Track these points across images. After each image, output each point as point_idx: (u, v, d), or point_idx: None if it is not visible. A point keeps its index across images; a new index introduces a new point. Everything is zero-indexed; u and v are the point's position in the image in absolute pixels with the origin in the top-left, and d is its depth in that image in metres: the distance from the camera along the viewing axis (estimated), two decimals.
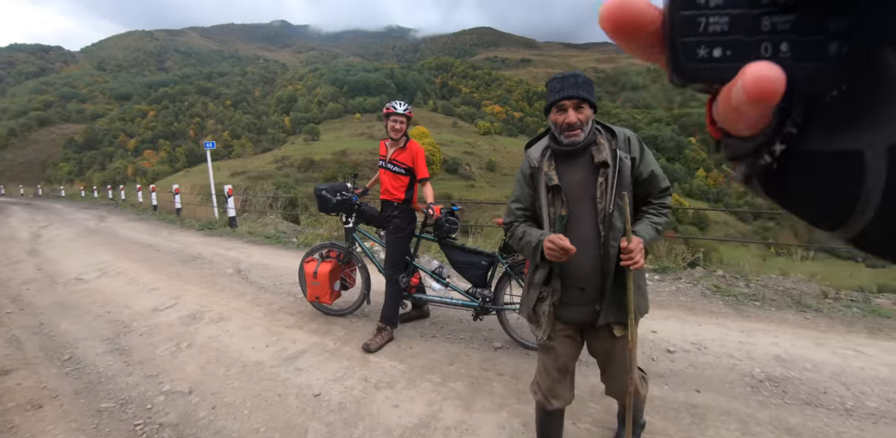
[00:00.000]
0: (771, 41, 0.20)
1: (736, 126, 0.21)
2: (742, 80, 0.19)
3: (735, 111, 0.20)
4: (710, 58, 0.20)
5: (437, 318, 3.58)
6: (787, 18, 0.20)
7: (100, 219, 11.51)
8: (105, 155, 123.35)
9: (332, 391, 2.54)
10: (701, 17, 0.20)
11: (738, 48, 0.20)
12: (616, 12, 0.20)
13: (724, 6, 0.20)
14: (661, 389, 2.47)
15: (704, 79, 0.21)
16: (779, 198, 0.23)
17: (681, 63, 0.21)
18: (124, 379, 2.77)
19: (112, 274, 5.42)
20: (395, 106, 3.09)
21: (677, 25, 0.20)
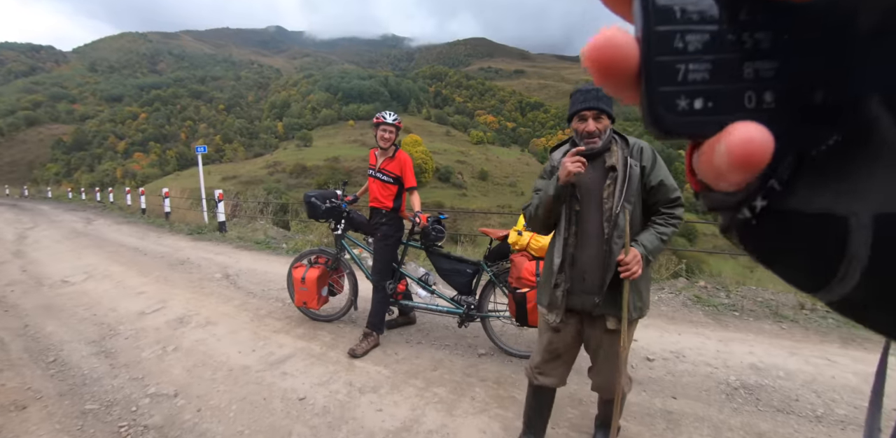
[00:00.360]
0: (754, 90, 0.19)
1: (717, 184, 0.20)
2: (726, 144, 0.18)
3: (716, 171, 0.19)
4: (690, 110, 0.19)
5: (424, 325, 3.63)
6: (771, 65, 0.19)
7: (87, 221, 11.40)
8: (94, 156, 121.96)
9: (316, 395, 2.58)
10: (679, 63, 0.19)
11: (720, 98, 0.19)
12: (598, 53, 0.19)
13: (704, 51, 0.19)
14: (639, 396, 2.54)
15: (685, 133, 0.20)
16: (756, 253, 0.22)
17: (659, 114, 0.19)
18: (109, 382, 2.78)
19: (98, 276, 5.40)
20: (384, 116, 3.18)
21: (654, 73, 0.19)
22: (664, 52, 0.19)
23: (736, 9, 0.19)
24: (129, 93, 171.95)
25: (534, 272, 2.57)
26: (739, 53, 0.19)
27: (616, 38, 0.19)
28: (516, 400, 2.49)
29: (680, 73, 0.19)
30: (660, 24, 0.19)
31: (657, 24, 0.19)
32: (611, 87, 0.20)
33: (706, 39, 0.19)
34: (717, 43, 0.19)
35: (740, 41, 0.19)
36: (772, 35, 0.19)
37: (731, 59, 0.19)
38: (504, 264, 2.98)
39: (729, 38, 0.19)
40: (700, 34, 0.19)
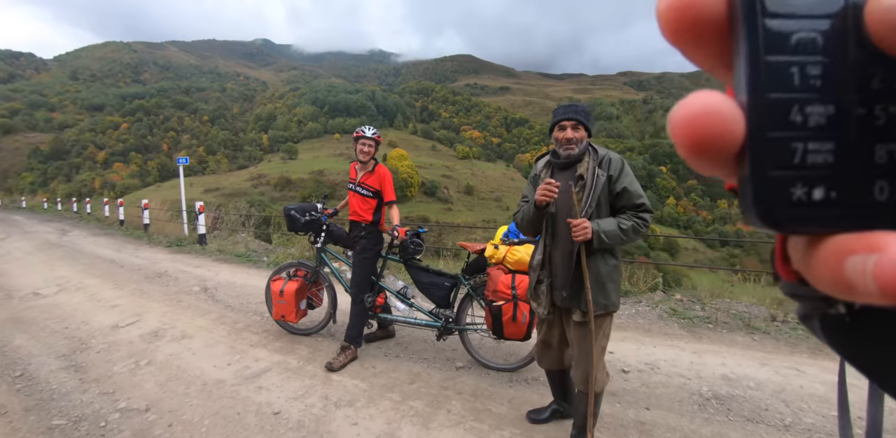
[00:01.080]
0: (888, 179, 0.16)
1: (834, 293, 0.16)
2: (877, 265, 0.14)
3: (846, 286, 0.15)
4: (808, 201, 0.16)
5: (402, 338, 3.63)
6: None
7: (62, 232, 11.12)
8: (72, 166, 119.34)
9: (292, 409, 2.56)
10: (797, 141, 0.16)
11: (845, 188, 0.16)
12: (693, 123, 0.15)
13: (828, 128, 0.15)
14: (613, 407, 2.58)
15: (801, 230, 0.16)
16: (846, 353, 0.19)
17: (768, 205, 0.16)
18: (78, 397, 2.71)
19: (71, 289, 5.27)
20: (363, 130, 3.24)
21: (765, 152, 0.16)
22: (778, 126, 0.16)
23: (869, 75, 0.15)
24: (111, 102, 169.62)
25: (509, 285, 2.62)
26: (871, 131, 0.15)
27: (717, 106, 0.15)
28: (492, 413, 2.51)
29: (797, 153, 0.16)
30: (773, 91, 0.15)
31: (770, 90, 0.15)
32: (703, 165, 0.17)
33: (831, 112, 0.15)
34: (844, 117, 0.15)
35: (872, 116, 0.15)
36: None
37: (861, 139, 0.16)
38: (481, 277, 3.03)
39: (859, 112, 0.15)
40: (823, 105, 0.15)
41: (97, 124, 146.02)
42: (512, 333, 2.69)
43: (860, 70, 0.15)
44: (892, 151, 0.15)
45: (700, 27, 0.16)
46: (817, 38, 0.15)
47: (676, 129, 0.16)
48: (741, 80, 0.16)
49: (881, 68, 0.15)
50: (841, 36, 0.15)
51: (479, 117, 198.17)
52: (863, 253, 0.15)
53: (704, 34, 0.16)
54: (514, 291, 2.61)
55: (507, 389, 2.80)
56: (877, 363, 0.18)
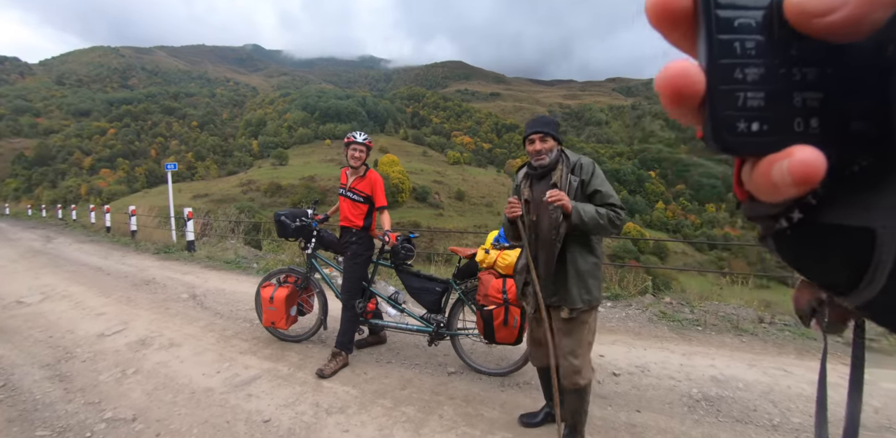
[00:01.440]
0: (802, 116, 0.22)
1: (768, 196, 0.22)
2: (788, 163, 0.20)
3: (773, 186, 0.21)
4: (748, 132, 0.22)
5: (394, 344, 3.62)
6: (816, 96, 0.21)
7: (47, 239, 10.93)
8: (57, 172, 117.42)
9: (282, 416, 2.53)
10: (739, 91, 0.22)
11: (773, 123, 0.22)
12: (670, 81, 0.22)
13: (761, 82, 0.22)
14: (604, 410, 2.59)
15: (743, 152, 0.23)
16: (790, 260, 0.25)
17: (721, 135, 0.22)
18: (63, 407, 2.66)
19: (56, 297, 5.17)
20: (355, 135, 3.24)
21: (718, 99, 0.22)
22: (726, 81, 0.22)
23: (788, 46, 0.22)
24: (98, 107, 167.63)
25: (500, 289, 2.63)
26: (790, 85, 0.22)
27: (687, 69, 0.22)
28: (484, 418, 2.50)
29: (740, 99, 0.22)
30: (723, 58, 0.22)
31: (720, 58, 0.22)
32: (677, 110, 0.23)
33: (762, 72, 0.22)
34: (772, 75, 0.22)
35: (790, 74, 0.22)
36: (818, 70, 0.22)
37: (783, 90, 0.22)
38: (473, 282, 3.03)
39: (781, 71, 0.22)
40: (757, 67, 0.22)
41: (83, 130, 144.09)
42: (503, 337, 2.69)
43: (782, 43, 0.22)
44: (805, 98, 0.22)
45: (675, 16, 0.22)
46: (752, 22, 0.22)
47: (660, 84, 0.22)
48: (701, 51, 0.22)
49: (796, 42, 0.21)
50: (769, 20, 0.22)
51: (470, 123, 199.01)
52: (781, 159, 0.21)
53: (678, 21, 0.23)
54: (506, 295, 2.62)
55: (499, 393, 2.80)
56: (806, 262, 0.25)
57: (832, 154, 0.21)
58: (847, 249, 0.23)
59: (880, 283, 0.22)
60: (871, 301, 0.23)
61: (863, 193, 0.22)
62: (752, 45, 0.22)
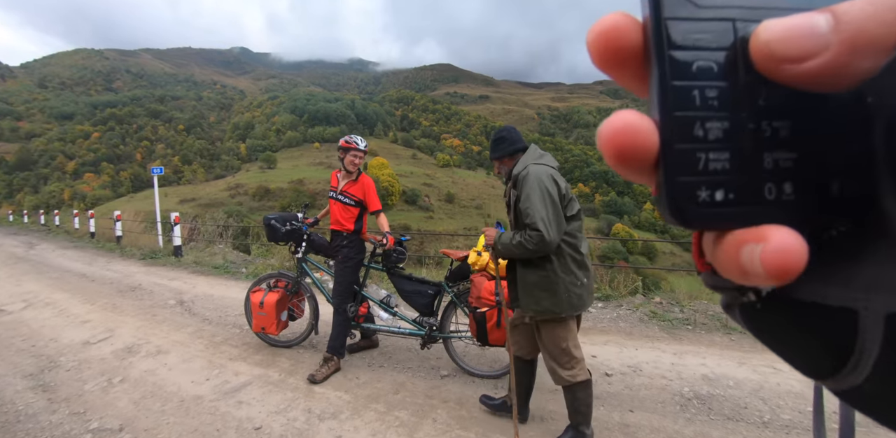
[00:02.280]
0: (774, 181, 0.18)
1: (735, 278, 0.19)
2: (762, 251, 0.17)
3: (741, 272, 0.18)
4: (711, 202, 0.18)
5: (386, 348, 3.59)
6: (790, 155, 0.18)
7: (29, 245, 10.70)
8: (39, 177, 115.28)
9: (273, 423, 2.49)
10: (700, 152, 0.18)
11: (741, 190, 0.18)
12: (615, 138, 0.18)
13: (725, 140, 0.18)
14: (598, 410, 2.59)
15: (706, 227, 0.19)
16: (760, 336, 0.22)
17: (679, 206, 0.18)
18: (47, 417, 2.59)
19: (39, 305, 5.06)
20: (356, 142, 3.18)
21: (674, 161, 0.18)
22: (684, 139, 0.18)
23: (755, 95, 0.18)
24: (82, 111, 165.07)
25: (493, 291, 2.63)
26: (759, 142, 0.18)
27: (635, 123, 0.18)
28: (478, 420, 2.49)
29: (700, 162, 0.18)
30: (679, 109, 0.18)
31: (676, 109, 0.18)
32: (625, 172, 0.19)
33: (726, 127, 0.18)
34: (737, 131, 0.18)
35: (759, 129, 0.18)
36: (791, 124, 0.18)
37: (751, 149, 0.18)
38: (465, 284, 3.02)
39: (749, 126, 0.18)
40: (720, 121, 0.18)
41: (67, 133, 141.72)
42: (496, 339, 2.69)
43: (749, 91, 0.18)
44: (777, 159, 0.18)
45: (621, 55, 0.19)
46: (713, 66, 0.18)
47: (603, 142, 0.18)
48: (654, 101, 0.19)
49: (765, 89, 0.18)
50: (733, 64, 0.18)
51: (460, 125, 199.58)
52: (752, 242, 0.18)
53: (626, 61, 0.19)
54: (499, 297, 2.62)
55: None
56: (780, 341, 0.21)
57: (808, 219, 0.19)
58: (826, 332, 0.19)
59: (865, 371, 0.19)
60: (854, 388, 0.19)
61: (842, 264, 0.19)
62: (713, 94, 0.18)
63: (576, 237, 2.09)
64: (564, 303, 2.04)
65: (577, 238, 2.10)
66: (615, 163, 0.19)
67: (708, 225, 0.19)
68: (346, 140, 3.20)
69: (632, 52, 0.19)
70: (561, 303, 2.04)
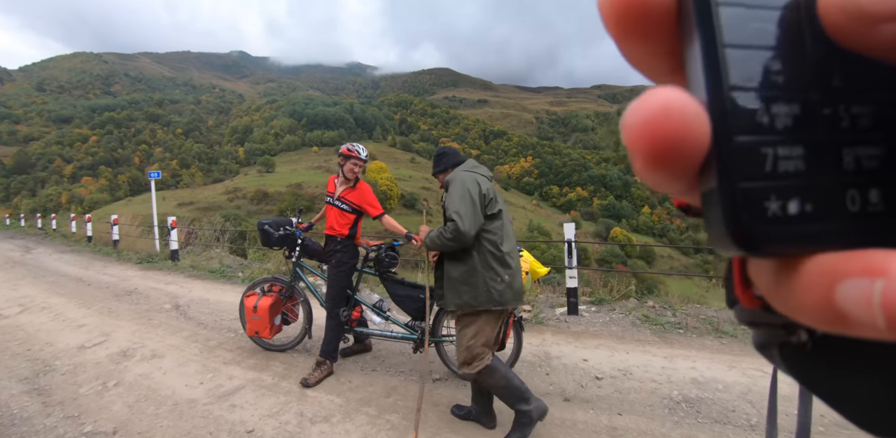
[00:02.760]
0: (857, 186, 0.14)
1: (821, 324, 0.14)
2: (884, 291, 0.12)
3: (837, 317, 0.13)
4: (783, 216, 0.14)
5: (379, 352, 3.62)
6: (874, 152, 0.14)
7: (25, 249, 10.70)
8: (37, 180, 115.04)
9: (266, 427, 2.52)
10: (767, 146, 0.14)
11: (820, 199, 0.14)
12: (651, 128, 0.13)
13: (796, 130, 0.14)
14: (587, 414, 2.63)
15: (778, 251, 0.14)
16: (808, 382, 0.17)
17: (744, 223, 0.13)
18: (41, 421, 2.62)
19: (35, 309, 5.08)
20: (358, 150, 3.21)
21: (734, 160, 0.13)
22: (746, 128, 0.13)
23: (829, 72, 0.14)
24: (80, 114, 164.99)
25: None
26: (836, 134, 0.14)
27: (680, 105, 0.13)
28: (468, 424, 2.53)
29: (768, 160, 0.14)
30: (737, 88, 0.14)
31: (732, 87, 0.13)
32: (662, 178, 0.14)
33: (797, 112, 0.14)
34: (811, 118, 0.14)
35: (836, 117, 0.14)
36: (875, 110, 0.14)
37: (828, 143, 0.14)
38: None
39: (825, 111, 0.14)
40: (789, 105, 0.14)
41: (65, 137, 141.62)
42: None
43: (820, 66, 0.14)
44: (859, 156, 0.14)
45: (646, 19, 0.14)
46: (774, 29, 0.14)
47: (633, 135, 0.13)
48: (698, 77, 0.14)
49: (840, 64, 0.14)
50: (797, 28, 0.14)
51: (458, 129, 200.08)
52: (861, 276, 0.12)
53: (650, 28, 0.14)
54: None
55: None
56: (839, 391, 0.16)
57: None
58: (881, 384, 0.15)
59: None
60: None
61: None
62: (778, 67, 0.14)
63: (497, 234, 2.25)
64: (483, 296, 2.21)
65: (498, 236, 2.25)
66: (649, 165, 0.14)
67: (782, 250, 0.14)
68: (347, 148, 3.23)
69: (661, 15, 0.14)
70: (479, 296, 2.21)
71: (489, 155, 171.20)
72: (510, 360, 3.02)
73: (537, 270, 2.98)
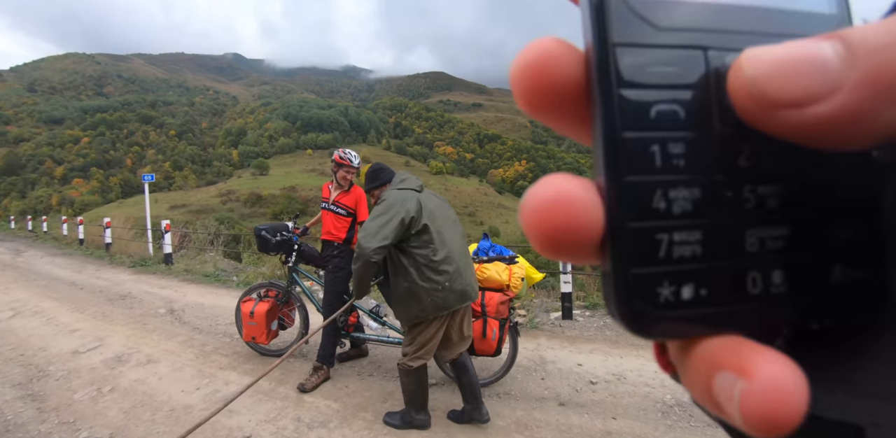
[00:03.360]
0: (759, 268, 0.14)
1: (705, 405, 0.14)
2: (742, 392, 0.12)
3: (714, 404, 0.13)
4: (676, 302, 0.13)
5: (376, 357, 3.64)
6: (780, 232, 0.14)
7: (16, 252, 10.60)
8: (27, 182, 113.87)
9: (263, 432, 2.54)
10: (661, 232, 0.13)
11: (717, 284, 0.14)
12: (542, 216, 0.13)
13: (694, 214, 0.14)
14: (581, 418, 2.67)
15: (667, 336, 0.14)
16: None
17: (634, 310, 0.14)
18: (36, 427, 2.61)
19: (27, 313, 5.04)
20: (351, 159, 3.27)
21: (625, 247, 0.13)
22: (639, 215, 0.13)
23: (736, 151, 0.14)
24: (72, 115, 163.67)
25: (479, 302, 2.71)
26: (741, 216, 0.14)
27: (570, 193, 0.13)
28: (464, 428, 2.55)
29: (662, 246, 0.13)
30: (632, 173, 0.13)
31: (628, 173, 0.13)
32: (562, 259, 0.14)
33: (696, 196, 0.14)
34: (712, 201, 0.14)
35: (740, 198, 0.14)
36: (781, 190, 0.14)
37: (731, 226, 0.14)
38: None
39: (727, 194, 0.14)
40: (688, 188, 0.14)
41: (56, 138, 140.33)
42: (482, 349, 2.76)
43: (726, 146, 0.14)
44: (763, 238, 0.14)
45: (555, 95, 0.14)
46: (679, 110, 0.14)
47: (526, 222, 0.14)
48: (598, 159, 0.14)
49: (747, 144, 0.14)
50: (704, 108, 0.14)
51: (453, 133, 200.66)
52: (731, 372, 0.13)
53: (562, 104, 0.14)
54: (484, 308, 2.70)
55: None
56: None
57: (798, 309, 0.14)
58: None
59: None
60: None
61: (840, 365, 0.15)
62: (679, 151, 0.14)
63: (427, 247, 2.38)
64: (429, 307, 2.36)
65: (430, 248, 2.38)
66: (544, 249, 0.14)
67: (672, 335, 0.14)
68: (340, 156, 3.28)
69: (569, 90, 0.14)
70: (426, 308, 2.36)
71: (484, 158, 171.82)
72: (506, 365, 3.05)
73: (532, 276, 3.02)
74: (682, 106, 0.14)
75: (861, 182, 0.14)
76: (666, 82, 0.14)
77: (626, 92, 0.13)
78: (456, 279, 2.39)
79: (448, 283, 2.36)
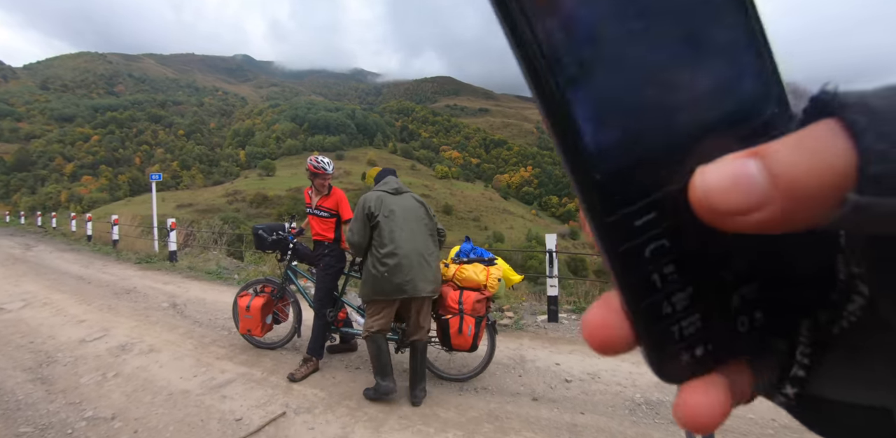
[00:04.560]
0: (746, 313, 0.19)
1: None
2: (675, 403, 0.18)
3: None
4: (692, 359, 0.19)
5: (363, 351, 3.83)
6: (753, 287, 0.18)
7: (26, 247, 10.90)
8: (37, 178, 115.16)
9: (253, 416, 2.73)
10: (673, 325, 0.18)
11: (717, 338, 0.19)
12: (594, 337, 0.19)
13: (692, 306, 0.18)
14: (552, 412, 2.84)
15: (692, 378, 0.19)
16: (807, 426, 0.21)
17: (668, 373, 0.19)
18: (45, 407, 2.83)
19: (37, 304, 5.28)
20: (325, 167, 3.50)
21: (654, 343, 0.18)
22: (656, 324, 0.18)
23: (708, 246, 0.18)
24: (83, 113, 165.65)
25: (457, 300, 2.90)
26: (724, 289, 0.18)
27: (605, 323, 0.19)
28: (439, 417, 2.74)
29: (676, 334, 0.18)
30: (644, 299, 0.18)
31: (643, 299, 0.18)
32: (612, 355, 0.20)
33: (691, 293, 0.18)
34: (701, 291, 0.18)
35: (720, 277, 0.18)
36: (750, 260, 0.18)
37: (718, 297, 0.18)
38: None
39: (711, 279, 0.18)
40: (683, 291, 0.18)
41: (66, 135, 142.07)
42: (459, 344, 2.94)
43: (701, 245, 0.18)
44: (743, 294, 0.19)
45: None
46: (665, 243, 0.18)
47: (585, 338, 0.20)
48: (621, 295, 0.19)
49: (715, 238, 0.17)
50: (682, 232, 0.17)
51: (459, 138, 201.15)
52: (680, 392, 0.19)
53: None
54: (461, 306, 2.89)
55: (456, 397, 3.04)
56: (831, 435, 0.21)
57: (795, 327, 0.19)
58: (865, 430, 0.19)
59: None
60: None
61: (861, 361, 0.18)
62: (671, 270, 0.18)
63: (377, 240, 2.79)
64: (370, 290, 2.80)
65: (378, 241, 2.79)
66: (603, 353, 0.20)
67: (694, 376, 0.19)
68: (314, 166, 3.51)
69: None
70: (368, 291, 2.82)
71: (489, 164, 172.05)
72: (483, 361, 3.22)
73: (510, 277, 3.20)
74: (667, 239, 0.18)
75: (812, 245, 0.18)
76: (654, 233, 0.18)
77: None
78: (395, 273, 2.73)
79: (387, 275, 2.73)
